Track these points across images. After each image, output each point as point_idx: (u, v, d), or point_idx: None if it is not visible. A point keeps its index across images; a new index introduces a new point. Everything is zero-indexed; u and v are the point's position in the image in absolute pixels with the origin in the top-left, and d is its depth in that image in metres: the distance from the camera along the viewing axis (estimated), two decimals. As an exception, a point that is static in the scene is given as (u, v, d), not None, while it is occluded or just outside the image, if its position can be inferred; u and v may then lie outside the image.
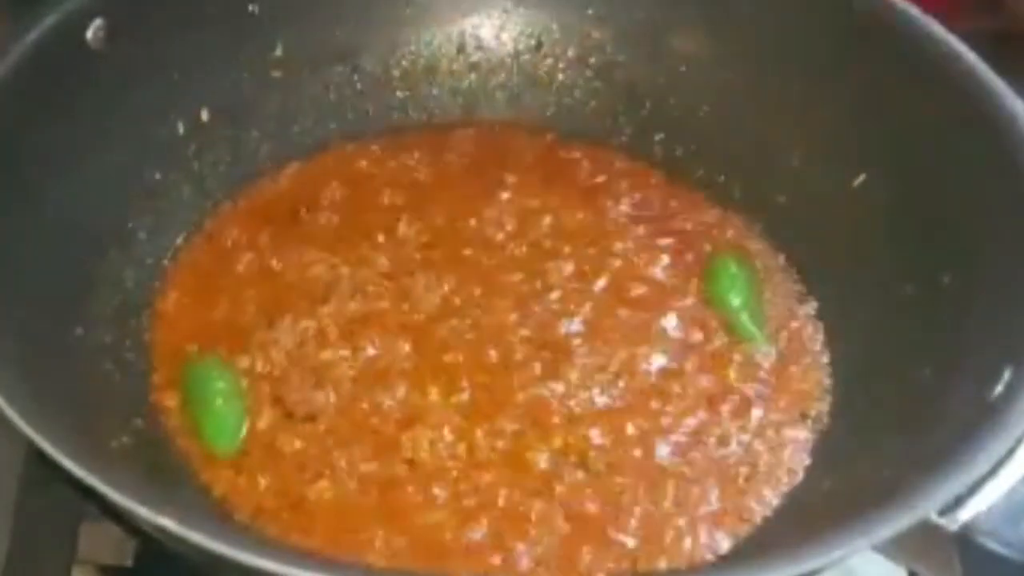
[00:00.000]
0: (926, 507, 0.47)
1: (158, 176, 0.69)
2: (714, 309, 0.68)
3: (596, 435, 0.61)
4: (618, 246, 0.70)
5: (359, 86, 0.77)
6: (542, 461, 0.60)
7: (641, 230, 0.72)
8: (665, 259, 0.70)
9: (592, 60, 0.79)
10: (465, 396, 0.62)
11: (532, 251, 0.70)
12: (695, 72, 0.76)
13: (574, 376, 0.64)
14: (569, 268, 0.69)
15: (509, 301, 0.67)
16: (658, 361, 0.65)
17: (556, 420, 0.62)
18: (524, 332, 0.65)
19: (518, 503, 0.58)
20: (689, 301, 0.68)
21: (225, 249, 0.70)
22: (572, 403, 0.62)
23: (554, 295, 0.68)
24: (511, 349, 0.64)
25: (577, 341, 0.65)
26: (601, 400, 0.63)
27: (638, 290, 0.68)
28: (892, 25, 0.67)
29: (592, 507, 0.59)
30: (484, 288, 0.68)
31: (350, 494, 0.58)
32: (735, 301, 0.68)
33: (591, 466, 0.60)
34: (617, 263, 0.70)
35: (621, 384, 0.64)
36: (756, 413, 0.63)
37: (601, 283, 0.69)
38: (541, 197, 0.73)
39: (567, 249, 0.70)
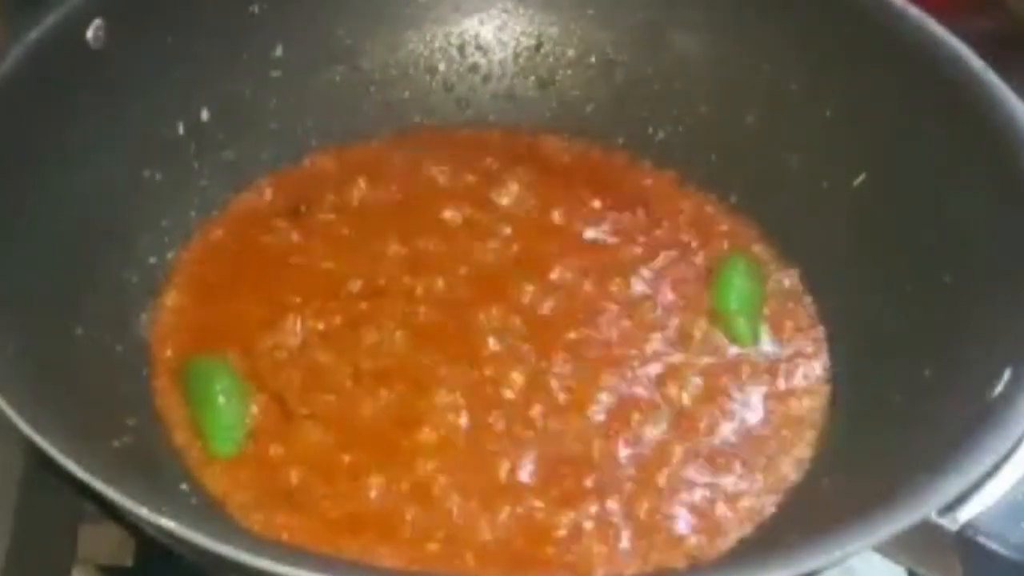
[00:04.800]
0: (926, 507, 0.47)
1: (158, 176, 0.69)
2: (715, 310, 0.68)
3: (595, 435, 0.61)
4: (617, 247, 0.71)
5: (359, 86, 0.77)
6: (543, 462, 0.60)
7: (640, 230, 0.72)
8: (665, 259, 0.70)
9: (592, 60, 0.79)
10: (466, 398, 0.62)
11: (532, 251, 0.70)
12: (695, 72, 0.76)
13: (574, 375, 0.64)
14: (569, 268, 0.69)
15: (510, 301, 0.67)
16: (659, 363, 0.65)
17: (557, 421, 0.62)
18: (525, 333, 0.65)
19: (519, 504, 0.58)
20: (689, 301, 0.68)
21: (226, 249, 0.70)
22: (573, 404, 0.62)
23: (554, 295, 0.68)
24: (512, 350, 0.64)
25: (577, 341, 0.65)
26: (600, 399, 0.63)
27: (637, 290, 0.68)
28: (892, 25, 0.67)
29: (593, 509, 0.59)
30: (485, 288, 0.68)
31: (349, 495, 0.58)
32: (734, 304, 0.67)
33: (592, 467, 0.60)
34: (616, 264, 0.70)
35: (621, 385, 0.64)
36: (755, 413, 0.63)
37: (600, 283, 0.69)
38: (541, 197, 0.73)
39: (567, 249, 0.70)
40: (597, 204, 0.73)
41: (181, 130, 0.70)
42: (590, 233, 0.71)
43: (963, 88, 0.63)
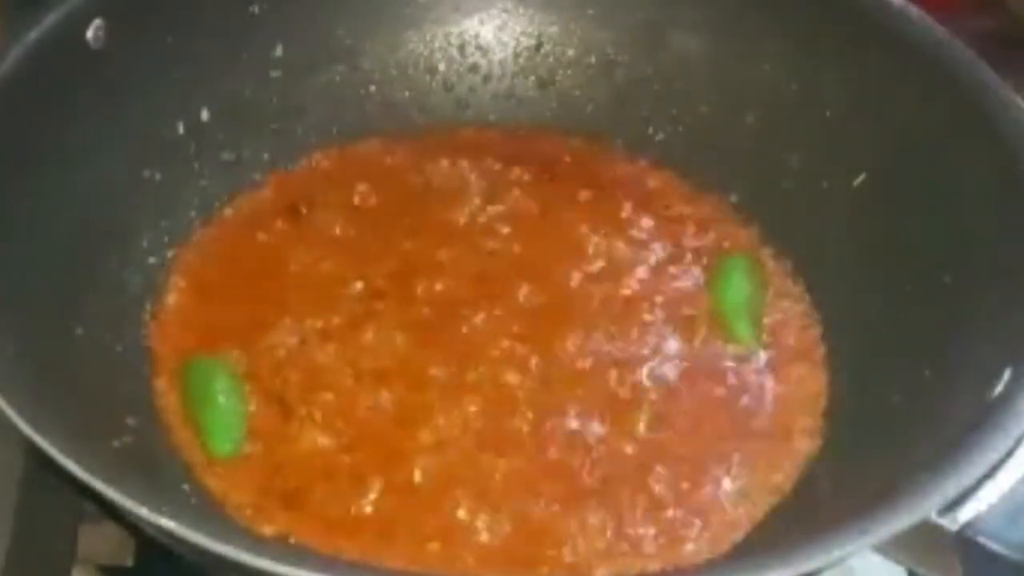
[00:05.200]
0: (926, 507, 0.47)
1: (158, 176, 0.69)
2: (715, 310, 0.68)
3: (595, 435, 0.61)
4: (617, 247, 0.71)
5: (359, 86, 0.77)
6: (543, 462, 0.60)
7: (640, 231, 0.72)
8: (665, 259, 0.70)
9: (592, 60, 0.79)
10: (466, 398, 0.62)
11: (532, 252, 0.70)
12: (695, 72, 0.76)
13: (574, 375, 0.64)
14: (568, 269, 0.69)
15: (510, 301, 0.67)
16: (658, 364, 0.65)
17: (557, 422, 0.62)
18: (524, 333, 0.65)
19: (517, 505, 0.58)
20: (689, 302, 0.68)
21: (225, 249, 0.70)
22: (573, 405, 0.62)
23: (554, 295, 0.68)
24: (511, 350, 0.64)
25: (577, 342, 0.65)
26: (600, 399, 0.63)
27: (638, 291, 0.68)
28: (892, 25, 0.67)
29: (593, 509, 0.58)
30: (485, 288, 0.68)
31: (349, 495, 0.58)
32: (734, 304, 0.67)
33: (592, 467, 0.60)
34: (616, 264, 0.70)
35: (620, 386, 0.64)
36: (755, 413, 0.63)
37: (600, 283, 0.69)
38: (541, 197, 0.73)
39: (567, 249, 0.70)
40: (597, 204, 0.73)
41: (181, 130, 0.70)
42: (590, 233, 0.71)
43: (963, 88, 0.63)
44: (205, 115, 0.71)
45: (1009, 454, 0.50)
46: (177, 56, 0.69)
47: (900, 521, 0.46)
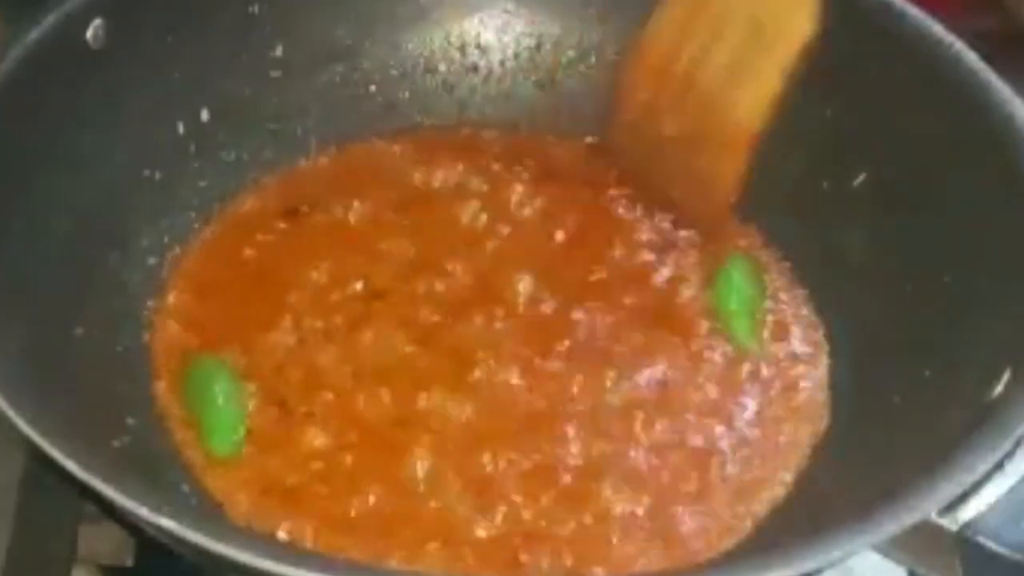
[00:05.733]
0: (926, 507, 0.47)
1: (158, 176, 0.69)
2: (715, 310, 0.68)
3: (595, 436, 0.61)
4: (618, 248, 0.71)
5: (359, 86, 0.77)
6: (543, 462, 0.60)
7: (640, 231, 0.72)
8: (665, 259, 0.70)
9: (592, 60, 0.79)
10: (466, 398, 0.62)
11: (531, 252, 0.70)
12: (695, 72, 0.76)
13: (574, 376, 0.64)
14: (568, 270, 0.69)
15: (510, 301, 0.67)
16: (659, 364, 0.65)
17: (557, 423, 0.62)
18: (525, 333, 0.65)
19: (518, 505, 0.58)
20: (689, 303, 0.68)
21: (225, 249, 0.70)
22: (573, 405, 0.62)
23: (553, 297, 0.68)
24: (512, 351, 0.64)
25: (577, 341, 0.65)
26: (600, 400, 0.63)
27: (638, 292, 0.68)
28: (892, 25, 0.67)
29: (592, 509, 0.58)
30: (485, 288, 0.68)
31: (350, 494, 0.58)
32: (735, 305, 0.67)
33: (591, 467, 0.60)
34: (616, 264, 0.70)
35: (622, 388, 0.63)
36: (755, 413, 0.63)
37: (600, 283, 0.69)
38: (541, 198, 0.73)
39: (566, 250, 0.70)
40: (597, 205, 0.73)
41: (181, 130, 0.70)
42: (589, 233, 0.71)
43: (963, 88, 0.63)
44: (205, 115, 0.71)
45: (1009, 454, 0.50)
46: (177, 56, 0.69)
47: (900, 521, 0.46)
